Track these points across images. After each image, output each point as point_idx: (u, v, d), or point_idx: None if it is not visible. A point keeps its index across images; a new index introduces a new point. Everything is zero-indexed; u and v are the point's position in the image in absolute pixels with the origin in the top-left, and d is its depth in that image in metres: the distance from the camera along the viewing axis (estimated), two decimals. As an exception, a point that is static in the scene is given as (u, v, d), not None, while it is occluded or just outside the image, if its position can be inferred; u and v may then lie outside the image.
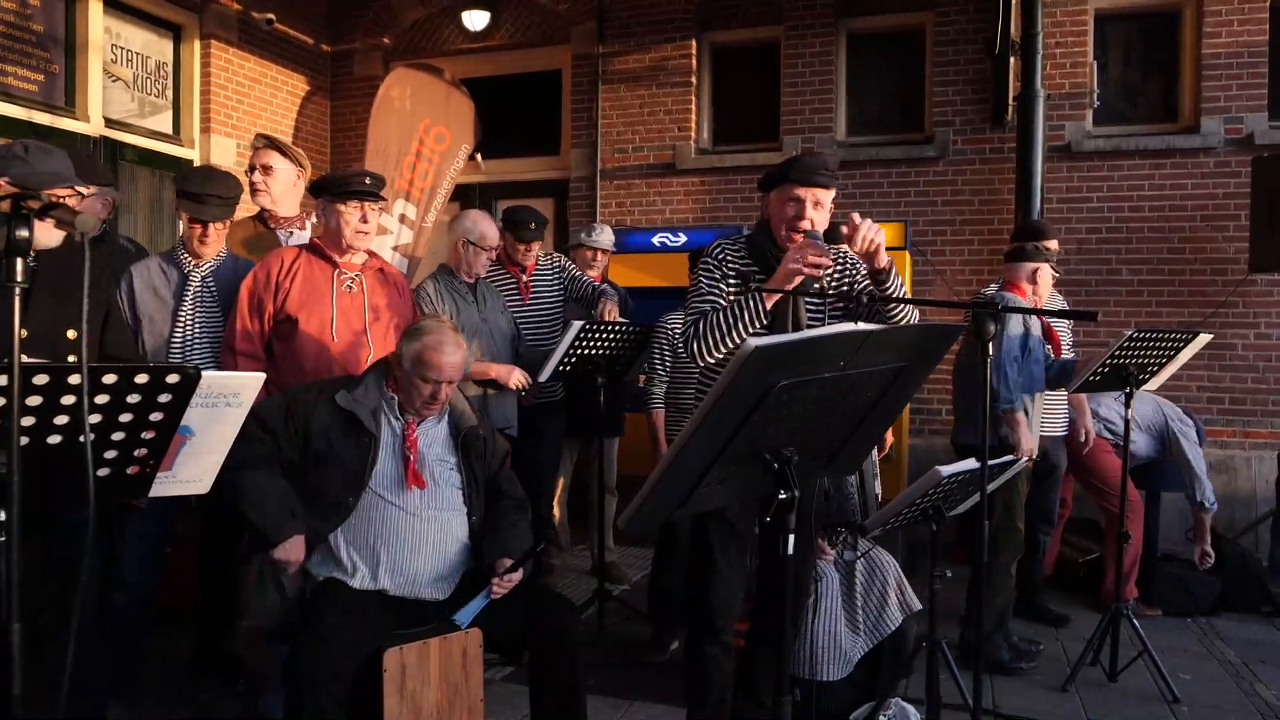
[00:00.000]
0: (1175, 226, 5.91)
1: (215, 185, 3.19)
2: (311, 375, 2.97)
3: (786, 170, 2.64)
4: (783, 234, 2.66)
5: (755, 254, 2.72)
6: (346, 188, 2.99)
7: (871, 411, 1.87)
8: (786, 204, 2.63)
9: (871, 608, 3.23)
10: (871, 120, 6.72)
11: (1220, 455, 5.78)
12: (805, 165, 2.61)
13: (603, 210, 6.95)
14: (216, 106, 6.58)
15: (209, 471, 2.01)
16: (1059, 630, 4.31)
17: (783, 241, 2.66)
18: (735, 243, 2.76)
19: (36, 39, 5.58)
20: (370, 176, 3.05)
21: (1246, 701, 3.53)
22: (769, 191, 2.71)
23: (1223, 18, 5.84)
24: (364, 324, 3.08)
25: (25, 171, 2.24)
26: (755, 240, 2.75)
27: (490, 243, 3.88)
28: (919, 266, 6.16)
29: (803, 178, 2.60)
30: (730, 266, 2.70)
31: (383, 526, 2.53)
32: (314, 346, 2.99)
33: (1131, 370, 3.61)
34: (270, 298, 2.99)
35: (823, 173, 2.60)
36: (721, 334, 2.55)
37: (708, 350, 2.58)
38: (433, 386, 2.59)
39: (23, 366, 1.40)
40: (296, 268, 3.04)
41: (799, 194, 2.61)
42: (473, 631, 2.56)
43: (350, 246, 3.05)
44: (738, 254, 2.72)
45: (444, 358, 2.58)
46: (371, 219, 3.04)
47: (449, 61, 7.20)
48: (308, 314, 3.00)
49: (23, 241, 1.34)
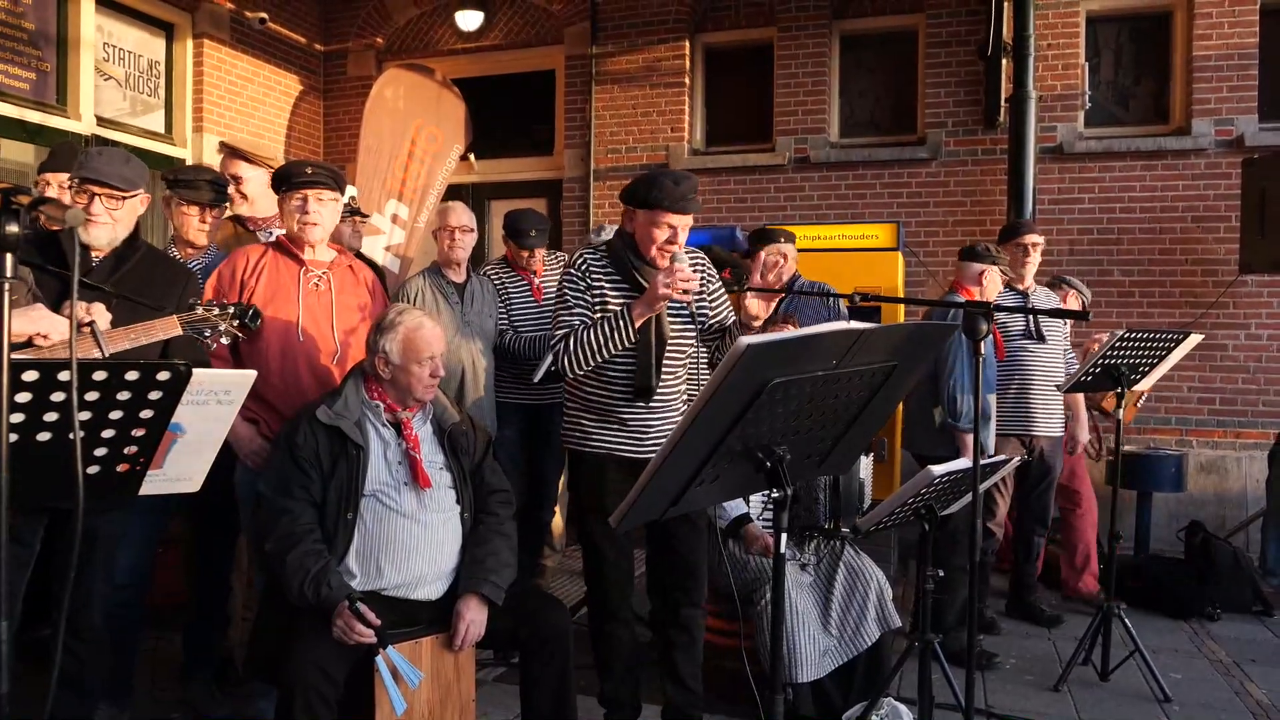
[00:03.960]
0: (1166, 228, 5.94)
1: (206, 174, 3.29)
2: (277, 374, 2.88)
3: (659, 197, 2.72)
4: (652, 254, 2.78)
5: (617, 265, 2.84)
6: (290, 179, 2.92)
7: (863, 411, 1.87)
8: (657, 228, 2.76)
9: (850, 618, 3.21)
10: (864, 121, 6.74)
11: (1211, 455, 5.80)
12: (679, 194, 2.72)
13: (596, 211, 6.95)
14: (209, 106, 6.56)
15: (200, 470, 2.00)
16: (1051, 630, 4.32)
17: (651, 260, 2.79)
18: (596, 252, 2.88)
19: (28, 37, 5.56)
20: (313, 166, 2.96)
21: (1237, 701, 3.54)
22: (636, 209, 2.79)
23: (1213, 20, 5.87)
24: (331, 323, 2.98)
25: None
26: (617, 253, 2.85)
27: (451, 221, 3.86)
28: (911, 267, 6.16)
29: (676, 206, 2.73)
30: (594, 278, 2.82)
31: (381, 533, 2.51)
32: (279, 345, 2.89)
33: (1123, 370, 3.63)
34: (235, 295, 2.88)
35: (692, 201, 2.75)
36: (591, 351, 2.71)
37: (577, 364, 2.73)
38: (430, 364, 2.58)
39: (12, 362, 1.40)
40: (263, 265, 2.94)
41: (672, 220, 2.75)
42: (465, 631, 2.55)
43: (301, 239, 2.95)
44: (600, 265, 2.84)
45: (428, 333, 2.59)
46: (316, 208, 2.90)
47: (442, 61, 7.20)
48: (273, 312, 2.88)
49: (11, 237, 1.34)
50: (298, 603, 2.38)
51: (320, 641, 2.31)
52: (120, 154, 2.54)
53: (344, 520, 2.49)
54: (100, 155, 2.49)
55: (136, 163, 2.55)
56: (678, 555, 2.88)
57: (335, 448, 2.52)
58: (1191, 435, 5.83)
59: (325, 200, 2.94)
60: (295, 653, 2.28)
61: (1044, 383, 4.20)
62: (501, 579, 2.56)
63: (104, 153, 2.52)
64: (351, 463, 2.51)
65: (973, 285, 3.94)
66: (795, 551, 3.35)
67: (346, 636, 2.31)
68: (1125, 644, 3.67)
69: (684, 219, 2.77)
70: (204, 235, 3.32)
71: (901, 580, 4.80)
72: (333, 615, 2.33)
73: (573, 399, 2.94)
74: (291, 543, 2.41)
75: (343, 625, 2.31)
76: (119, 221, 2.51)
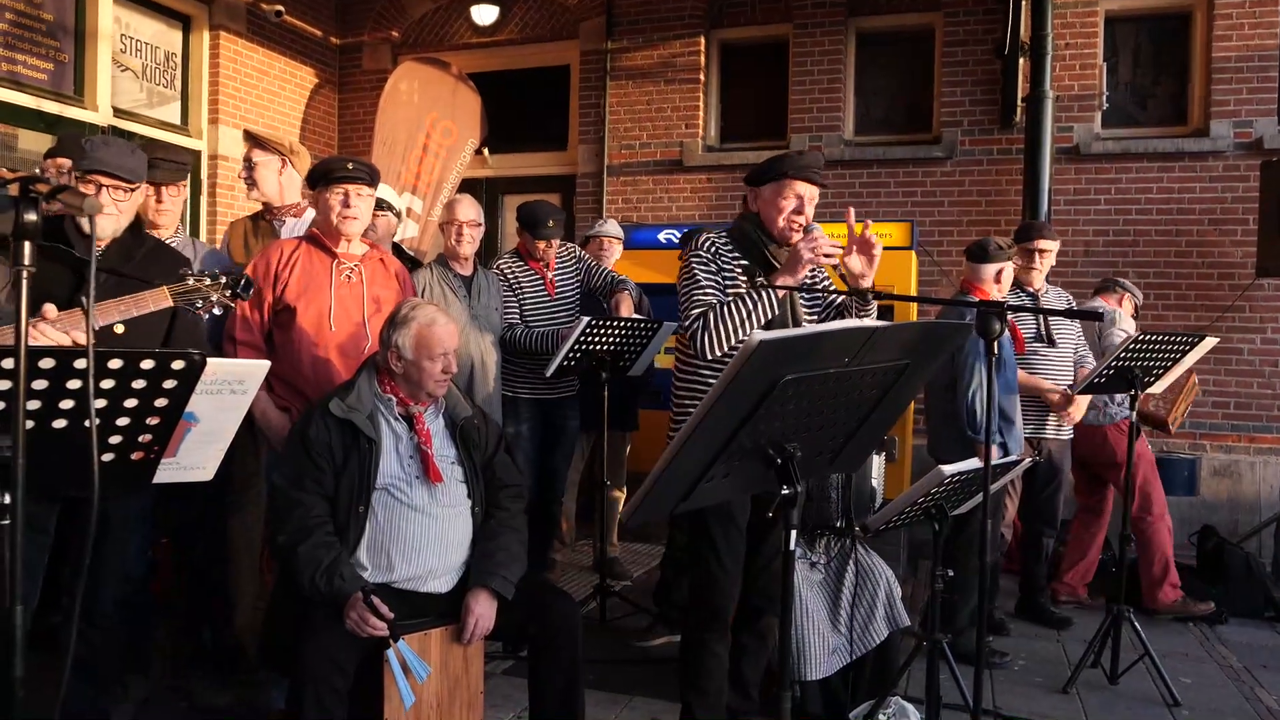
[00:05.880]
0: (1183, 230, 5.90)
1: (163, 151, 3.31)
2: (309, 365, 2.97)
3: (784, 166, 2.70)
4: (780, 227, 2.72)
5: (744, 248, 2.77)
6: (329, 175, 3.00)
7: (875, 409, 1.87)
8: (784, 198, 2.70)
9: (859, 617, 3.20)
10: (879, 120, 6.72)
11: (1225, 460, 5.77)
12: (804, 163, 2.70)
13: (609, 207, 6.95)
14: (224, 98, 6.59)
15: (213, 459, 2.02)
16: (1060, 632, 4.30)
17: (780, 235, 2.73)
18: (721, 237, 2.80)
19: (46, 28, 5.59)
20: (354, 162, 3.03)
21: (1247, 706, 3.52)
22: (761, 185, 2.76)
23: (1233, 21, 5.82)
24: (363, 314, 3.06)
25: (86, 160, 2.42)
26: (743, 235, 2.79)
27: (459, 215, 3.87)
28: (925, 266, 6.15)
29: (802, 174, 2.69)
30: (723, 260, 2.74)
31: (392, 527, 2.52)
32: (312, 336, 2.98)
33: (1136, 373, 3.60)
34: (269, 287, 2.98)
35: (817, 171, 2.71)
36: (733, 328, 2.60)
37: (719, 344, 2.62)
38: (443, 360, 2.58)
39: (30, 350, 1.41)
40: (296, 258, 3.03)
41: (800, 190, 2.70)
42: (474, 624, 2.56)
43: (340, 233, 3.03)
44: (728, 249, 2.77)
45: (441, 329, 2.59)
46: (356, 203, 2.99)
47: (457, 56, 7.21)
48: (306, 304, 2.98)
49: (30, 225, 1.34)
50: (309, 594, 2.39)
51: (331, 633, 2.32)
52: (126, 145, 2.55)
53: (355, 513, 2.50)
54: (107, 146, 2.49)
55: (140, 154, 2.56)
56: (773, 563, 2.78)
57: (348, 441, 2.52)
58: (1205, 439, 5.79)
59: (364, 196, 3.03)
60: (307, 644, 2.29)
61: (1053, 385, 4.17)
62: (511, 573, 2.57)
63: (110, 143, 2.52)
64: (363, 456, 2.52)
65: (987, 285, 3.88)
66: (805, 550, 3.34)
67: (359, 629, 2.32)
68: (1135, 647, 3.65)
69: (811, 189, 2.72)
70: (165, 215, 3.24)
71: (910, 580, 4.79)
72: (345, 607, 2.34)
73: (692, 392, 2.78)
74: (303, 535, 2.42)
75: (356, 618, 2.32)
76: (123, 213, 2.53)
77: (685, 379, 2.84)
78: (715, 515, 2.70)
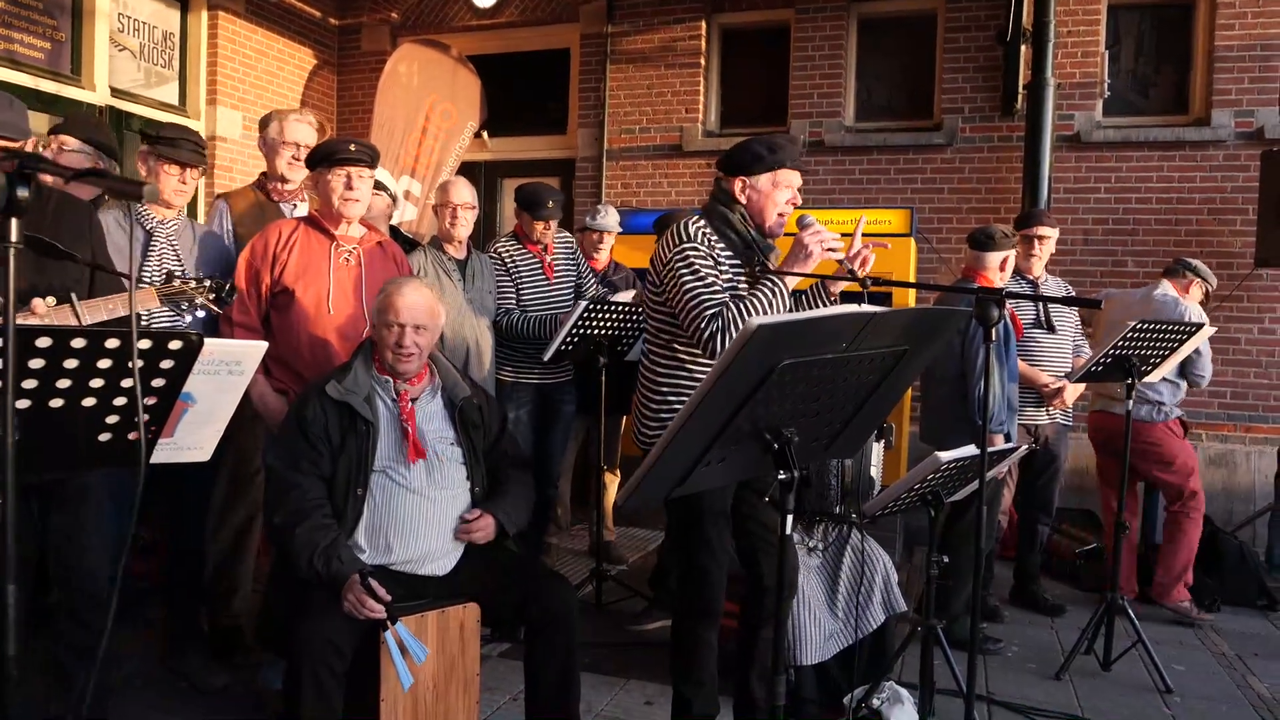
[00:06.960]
0: (1182, 219, 5.89)
1: (186, 133, 3.25)
2: (308, 348, 2.96)
3: (783, 157, 2.60)
4: (775, 220, 2.65)
5: (729, 241, 2.63)
6: (331, 156, 2.98)
7: (873, 394, 1.87)
8: (782, 189, 2.63)
9: (855, 602, 3.21)
10: (880, 105, 6.69)
11: (1220, 449, 5.78)
12: (799, 150, 2.64)
13: (608, 191, 6.93)
14: (223, 78, 6.55)
15: (210, 439, 2.02)
16: (1054, 619, 4.32)
17: (771, 228, 2.66)
18: (709, 227, 2.63)
19: (43, 6, 5.55)
20: (355, 143, 3.01)
21: (1239, 693, 3.54)
22: (755, 174, 2.62)
23: (1236, 10, 5.79)
24: (361, 298, 3.04)
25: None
26: (733, 228, 2.64)
27: (453, 198, 3.86)
28: (924, 253, 6.14)
29: (800, 164, 2.65)
30: (716, 251, 2.60)
31: (390, 509, 2.52)
32: (310, 318, 2.97)
33: (1134, 361, 3.60)
34: (267, 269, 2.97)
35: (804, 156, 2.62)
36: None
37: None
38: (396, 332, 2.53)
39: (26, 329, 1.40)
40: (294, 240, 3.01)
41: (796, 180, 2.65)
42: (470, 606, 2.57)
43: (340, 214, 3.01)
44: (714, 239, 2.61)
45: (401, 299, 2.55)
46: (358, 185, 2.98)
47: (457, 38, 7.16)
48: (304, 286, 2.97)
49: (24, 202, 1.34)
50: (306, 576, 2.39)
51: (329, 615, 2.33)
52: (3, 97, 2.33)
53: (353, 496, 2.50)
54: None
55: (19, 105, 2.37)
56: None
57: (345, 423, 2.52)
58: (1200, 429, 5.80)
59: (365, 178, 3.02)
60: (304, 626, 2.30)
61: (1051, 373, 4.18)
62: (517, 515, 2.63)
63: None
64: (361, 439, 2.52)
65: (991, 273, 3.88)
66: (804, 535, 3.35)
67: (357, 611, 2.32)
68: (1128, 634, 3.67)
69: (798, 176, 2.67)
70: (181, 196, 3.22)
71: (906, 566, 4.81)
72: (342, 589, 2.34)
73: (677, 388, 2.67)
74: (300, 517, 2.42)
75: (354, 600, 2.32)
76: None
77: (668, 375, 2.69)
78: (706, 500, 2.60)
